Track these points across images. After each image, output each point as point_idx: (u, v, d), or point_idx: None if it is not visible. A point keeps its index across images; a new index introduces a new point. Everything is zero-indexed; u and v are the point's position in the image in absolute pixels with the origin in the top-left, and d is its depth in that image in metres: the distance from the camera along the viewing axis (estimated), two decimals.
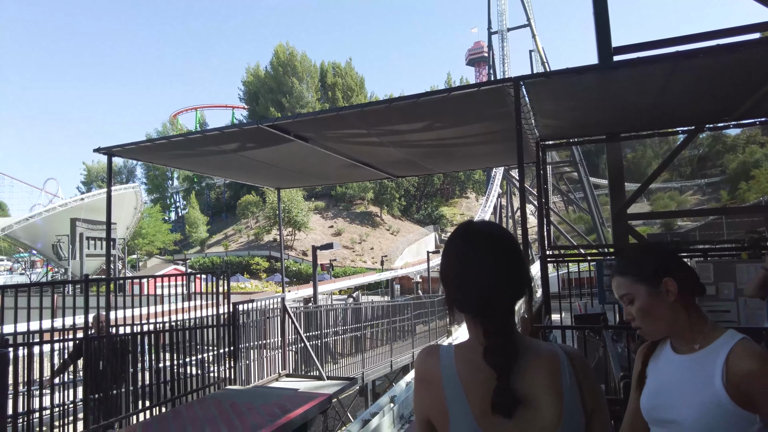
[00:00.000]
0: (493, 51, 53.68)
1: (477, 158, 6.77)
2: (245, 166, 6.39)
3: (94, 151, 5.71)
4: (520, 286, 1.08)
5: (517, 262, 1.09)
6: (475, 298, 1.05)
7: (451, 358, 1.06)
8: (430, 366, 1.07)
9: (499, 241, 1.10)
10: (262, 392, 6.58)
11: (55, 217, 34.05)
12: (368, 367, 10.40)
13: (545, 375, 1.02)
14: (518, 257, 1.09)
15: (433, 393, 1.04)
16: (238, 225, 61.97)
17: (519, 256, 1.10)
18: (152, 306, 6.35)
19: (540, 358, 1.04)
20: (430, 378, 1.06)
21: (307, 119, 4.60)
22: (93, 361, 5.21)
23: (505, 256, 1.07)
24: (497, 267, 1.06)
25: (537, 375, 1.02)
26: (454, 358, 1.06)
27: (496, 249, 1.08)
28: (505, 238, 1.11)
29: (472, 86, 3.75)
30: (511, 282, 1.06)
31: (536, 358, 1.04)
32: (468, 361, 1.05)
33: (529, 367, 1.02)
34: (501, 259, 1.07)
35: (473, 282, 1.06)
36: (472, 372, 1.03)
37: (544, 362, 1.04)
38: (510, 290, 1.06)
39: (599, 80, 4.21)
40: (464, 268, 1.08)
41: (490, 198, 50.77)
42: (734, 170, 53.05)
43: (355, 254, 53.86)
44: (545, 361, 1.04)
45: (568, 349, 1.09)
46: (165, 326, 6.17)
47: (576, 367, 1.05)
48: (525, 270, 1.10)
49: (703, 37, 5.54)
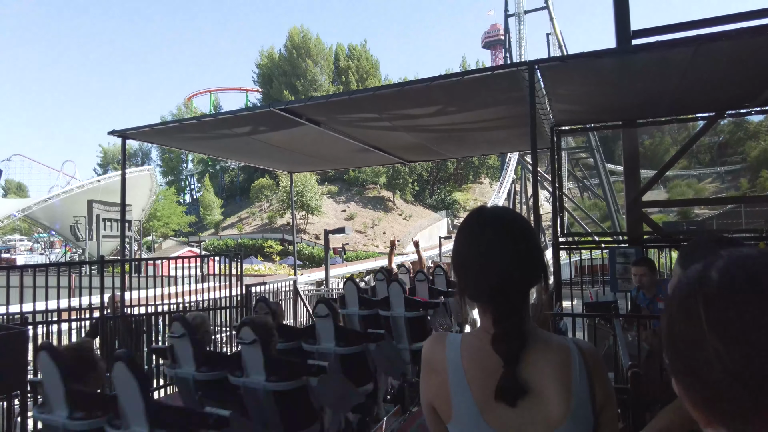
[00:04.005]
0: (509, 34, 52.72)
1: (490, 144, 6.70)
2: (258, 149, 6.40)
3: (108, 134, 5.77)
4: (534, 272, 1.05)
5: (530, 248, 1.06)
6: (485, 286, 1.03)
7: (458, 346, 1.06)
8: (436, 353, 1.07)
9: (511, 226, 1.07)
10: None
11: (72, 198, 34.61)
12: None
13: (554, 367, 1.00)
14: (531, 242, 1.07)
15: (438, 379, 1.05)
16: (251, 208, 62.37)
17: (532, 240, 1.07)
18: (167, 287, 6.45)
19: (550, 350, 1.02)
20: (435, 365, 1.06)
21: (319, 103, 4.58)
22: (109, 340, 5.32)
23: (516, 242, 1.05)
24: (508, 253, 1.03)
25: (545, 367, 0.99)
26: (461, 346, 1.06)
27: (508, 235, 1.06)
28: (517, 223, 1.08)
29: (486, 70, 3.70)
30: (523, 268, 1.04)
31: (546, 350, 1.02)
32: (475, 349, 1.04)
33: (538, 358, 1.00)
34: (512, 245, 1.04)
35: (484, 269, 1.04)
36: (478, 360, 1.02)
37: (555, 354, 1.01)
38: (522, 277, 1.03)
39: (617, 65, 4.12)
40: (475, 255, 1.06)
41: (504, 184, 50.33)
42: (755, 158, 51.72)
43: (367, 239, 53.99)
44: (555, 353, 1.02)
45: (581, 343, 1.06)
46: (179, 307, 6.27)
47: (588, 361, 1.02)
48: (539, 255, 1.08)
49: (726, 20, 5.35)
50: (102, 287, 5.39)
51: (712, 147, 58.16)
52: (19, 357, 3.46)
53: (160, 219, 52.33)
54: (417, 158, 7.76)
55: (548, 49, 52.22)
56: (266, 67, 68.81)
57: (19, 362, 3.49)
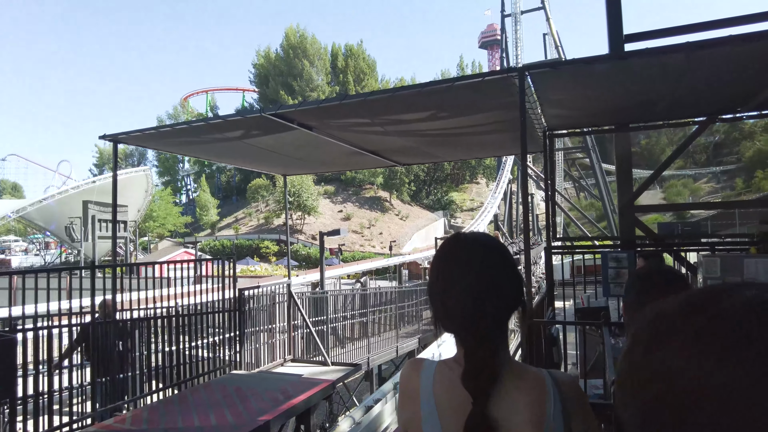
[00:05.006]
0: (506, 34, 52.87)
1: (484, 147, 6.69)
2: (251, 153, 6.37)
3: (99, 138, 5.75)
4: (510, 302, 1.02)
5: (506, 277, 1.03)
6: (457, 318, 1.01)
7: (431, 377, 1.04)
8: (411, 380, 1.06)
9: (485, 254, 1.04)
10: (267, 377, 6.67)
11: (68, 199, 34.45)
12: (374, 352, 10.49)
13: (527, 402, 0.96)
14: (507, 271, 1.03)
15: (412, 408, 1.03)
16: (248, 209, 62.29)
17: (508, 269, 1.04)
18: (158, 290, 6.42)
19: (524, 385, 0.99)
20: (410, 393, 1.05)
21: (311, 108, 4.56)
22: (99, 346, 5.29)
23: (490, 271, 1.02)
24: (482, 283, 1.00)
25: (518, 401, 0.96)
26: (434, 376, 1.04)
27: (481, 264, 1.02)
28: (493, 251, 1.05)
29: (477, 76, 3.69)
30: (498, 298, 1.00)
31: (520, 384, 0.99)
32: (447, 380, 1.02)
33: (510, 392, 0.97)
34: (486, 274, 1.01)
35: (456, 300, 1.01)
36: (449, 393, 1.00)
37: (528, 389, 0.98)
38: (496, 307, 1.00)
39: (609, 70, 4.11)
40: (447, 285, 1.03)
41: (500, 184, 50.46)
42: (750, 158, 51.98)
43: (364, 239, 54.00)
44: (530, 388, 0.98)
45: (558, 375, 1.03)
46: (170, 311, 6.24)
47: (564, 395, 0.98)
48: (515, 284, 1.04)
49: (719, 25, 5.36)
50: (93, 292, 5.36)
51: (708, 147, 58.43)
52: (6, 365, 3.43)
53: (156, 220, 52.21)
54: (411, 161, 7.74)
55: (545, 49, 52.44)
56: (263, 67, 68.75)
57: (6, 371, 3.46)
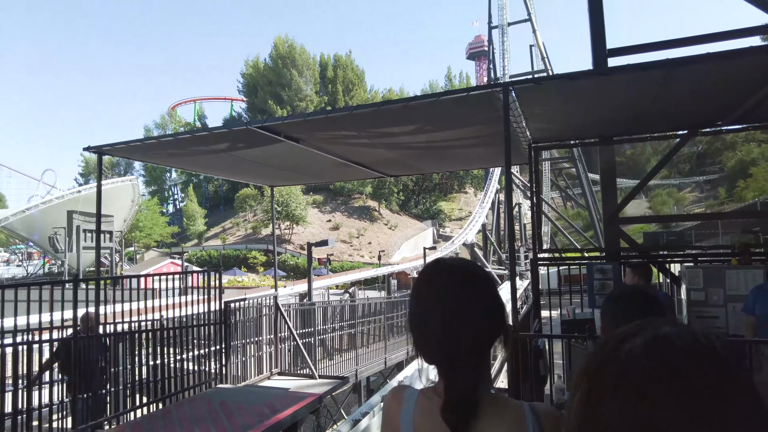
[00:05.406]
0: (493, 46, 53.39)
1: (470, 160, 6.74)
2: (237, 165, 6.35)
3: (84, 150, 5.68)
4: (491, 332, 1.00)
5: (486, 306, 1.00)
6: (436, 349, 0.99)
7: (412, 407, 1.03)
8: (392, 409, 1.06)
9: (464, 285, 1.01)
10: (253, 391, 6.58)
11: (52, 209, 33.98)
12: (363, 364, 10.41)
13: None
14: (487, 299, 1.01)
15: None
16: (236, 218, 61.86)
17: (488, 298, 1.02)
18: (144, 302, 6.32)
19: (503, 416, 0.98)
20: (390, 421, 1.05)
21: (297, 121, 4.56)
22: (81, 360, 5.19)
23: (470, 301, 0.99)
24: (460, 316, 0.97)
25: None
26: (415, 405, 1.03)
27: (460, 295, 0.99)
28: (473, 278, 1.02)
29: (461, 91, 3.72)
30: (479, 329, 0.98)
31: (499, 416, 0.98)
32: (427, 411, 1.01)
33: (490, 424, 0.96)
34: (465, 304, 0.99)
35: (435, 331, 0.99)
36: (429, 422, 1.00)
37: (508, 421, 0.97)
38: (477, 339, 0.98)
39: (592, 85, 4.18)
40: (425, 315, 1.01)
41: (488, 194, 50.73)
42: (732, 168, 53.00)
43: (352, 248, 53.85)
44: (509, 419, 0.97)
45: (538, 406, 1.01)
46: (155, 324, 6.15)
47: (543, 426, 0.97)
48: (497, 313, 1.01)
49: (699, 40, 5.49)
50: (75, 306, 5.26)
51: (692, 157, 59.48)
52: None
53: (143, 230, 51.61)
54: (398, 173, 7.76)
55: (531, 60, 53.05)
56: (251, 77, 68.70)
57: None
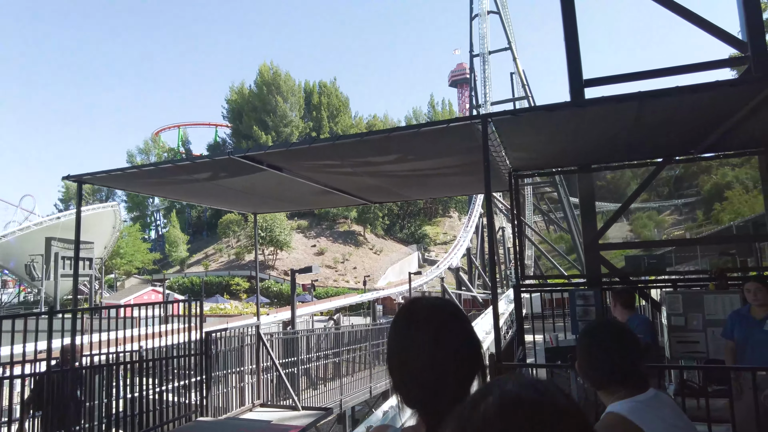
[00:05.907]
0: (475, 73, 54.57)
1: (452, 187, 6.82)
2: (220, 193, 6.33)
3: (63, 179, 5.62)
4: (471, 370, 0.99)
5: (465, 346, 0.99)
6: (417, 392, 0.97)
7: None
8: None
9: (441, 326, 0.99)
10: (234, 424, 6.42)
11: (30, 236, 33.19)
12: (347, 393, 10.22)
13: None
14: (466, 339, 1.00)
15: None
16: (219, 244, 61.16)
17: (466, 337, 1.00)
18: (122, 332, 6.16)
19: None
20: None
21: (279, 151, 4.59)
22: (54, 395, 5.02)
23: (448, 344, 0.97)
24: (440, 358, 0.96)
25: None
26: None
27: (439, 335, 0.98)
28: (450, 319, 1.01)
29: (442, 122, 3.79)
30: (458, 370, 0.96)
31: None
32: None
33: None
34: (445, 348, 0.97)
35: (415, 375, 0.97)
36: None
37: None
38: (457, 379, 0.96)
39: (569, 115, 4.29)
40: (403, 358, 1.00)
41: (471, 218, 51.15)
42: (708, 191, 54.28)
43: (337, 274, 53.49)
44: None
45: None
46: (133, 356, 5.99)
47: None
48: (474, 351, 1.00)
49: (672, 72, 5.71)
50: (50, 340, 5.12)
51: (670, 180, 60.96)
52: None
53: (124, 256, 50.67)
54: (381, 200, 7.81)
55: (512, 87, 54.37)
56: (236, 103, 68.98)
57: None
